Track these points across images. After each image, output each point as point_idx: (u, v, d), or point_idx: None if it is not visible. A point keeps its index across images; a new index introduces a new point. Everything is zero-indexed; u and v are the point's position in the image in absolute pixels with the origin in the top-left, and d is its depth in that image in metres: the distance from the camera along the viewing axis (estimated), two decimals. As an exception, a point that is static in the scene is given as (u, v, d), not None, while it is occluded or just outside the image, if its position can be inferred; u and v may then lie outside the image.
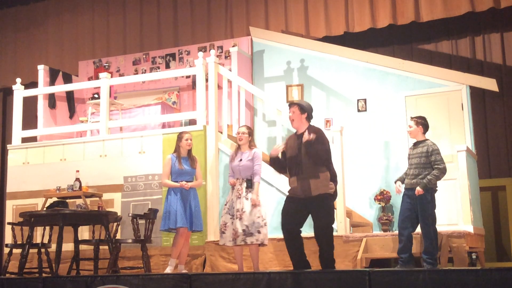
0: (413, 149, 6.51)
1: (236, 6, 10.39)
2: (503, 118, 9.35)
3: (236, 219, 6.49)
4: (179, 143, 7.07)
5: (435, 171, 6.24)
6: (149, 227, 7.26)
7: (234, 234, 6.49)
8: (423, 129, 6.50)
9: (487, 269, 4.56)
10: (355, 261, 6.87)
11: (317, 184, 5.84)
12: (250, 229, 6.44)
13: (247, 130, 6.90)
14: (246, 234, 6.43)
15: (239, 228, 6.45)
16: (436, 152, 6.30)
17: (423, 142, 6.43)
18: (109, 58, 10.70)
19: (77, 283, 5.73)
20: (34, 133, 9.34)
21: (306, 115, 6.08)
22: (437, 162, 6.25)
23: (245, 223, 6.45)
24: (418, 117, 6.59)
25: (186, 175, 6.97)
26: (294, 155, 6.01)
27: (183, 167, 6.94)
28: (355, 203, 8.39)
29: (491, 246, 8.83)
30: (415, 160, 6.39)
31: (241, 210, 6.50)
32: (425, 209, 6.23)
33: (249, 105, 9.40)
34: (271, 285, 5.00)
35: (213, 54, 8.26)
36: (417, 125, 6.48)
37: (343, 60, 9.01)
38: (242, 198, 6.56)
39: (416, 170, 6.34)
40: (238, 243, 6.49)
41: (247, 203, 6.53)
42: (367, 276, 4.72)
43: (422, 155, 6.34)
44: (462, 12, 8.97)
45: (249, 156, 6.72)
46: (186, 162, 7.02)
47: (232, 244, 6.53)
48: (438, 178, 6.25)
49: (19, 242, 7.69)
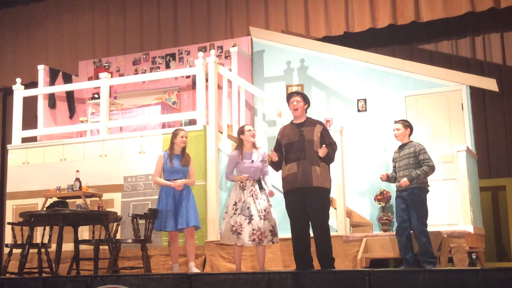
0: (399, 152, 6.56)
1: (236, 6, 10.39)
2: (503, 118, 9.35)
3: (260, 220, 6.39)
4: (174, 139, 7.00)
5: (424, 167, 6.29)
6: (149, 227, 7.25)
7: (260, 235, 6.38)
8: (410, 132, 6.57)
9: (487, 269, 4.55)
10: (355, 261, 6.87)
11: (317, 172, 5.92)
12: (275, 229, 6.47)
13: (254, 130, 6.81)
14: (273, 234, 6.45)
15: (266, 228, 6.41)
16: (424, 151, 6.37)
17: (409, 144, 6.49)
18: (109, 58, 10.70)
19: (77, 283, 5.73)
20: (34, 133, 9.34)
21: (307, 106, 6.31)
22: (426, 160, 6.32)
23: (271, 223, 6.46)
24: (404, 120, 6.67)
25: (178, 173, 6.90)
26: (294, 141, 6.11)
27: (173, 165, 6.88)
28: (355, 203, 8.39)
29: (491, 246, 8.83)
30: (403, 161, 6.43)
31: (264, 211, 6.45)
32: (419, 209, 6.23)
33: (249, 105, 9.40)
34: (271, 285, 5.00)
35: (213, 54, 8.26)
36: (405, 128, 6.55)
37: (343, 60, 9.02)
38: (260, 199, 6.49)
39: (406, 171, 6.35)
40: (265, 243, 6.46)
41: (266, 204, 6.50)
42: (367, 276, 4.72)
43: (410, 155, 6.38)
44: (462, 12, 8.97)
45: (259, 157, 6.64)
46: (178, 160, 6.94)
47: (253, 244, 6.43)
48: (427, 174, 6.29)
49: (19, 242, 7.68)
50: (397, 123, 6.64)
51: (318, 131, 6.09)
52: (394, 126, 6.64)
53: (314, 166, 5.96)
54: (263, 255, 6.59)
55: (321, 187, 5.94)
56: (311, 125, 6.15)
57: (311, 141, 6.04)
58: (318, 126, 6.13)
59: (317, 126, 6.13)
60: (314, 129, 6.10)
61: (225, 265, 7.46)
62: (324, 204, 5.98)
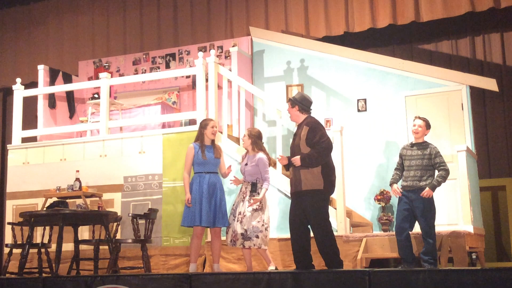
0: (411, 150, 6.47)
1: (236, 6, 10.39)
2: (503, 118, 9.35)
3: (237, 222, 6.46)
4: (204, 131, 6.66)
5: (442, 172, 6.25)
6: (149, 227, 7.26)
7: (233, 236, 6.47)
8: (428, 132, 6.51)
9: (487, 269, 4.55)
10: (355, 261, 6.87)
11: (307, 176, 5.89)
12: (249, 234, 6.38)
13: (247, 133, 6.69)
14: (244, 238, 6.40)
15: (238, 231, 6.42)
16: (439, 154, 6.34)
17: (424, 144, 6.42)
18: (109, 58, 10.70)
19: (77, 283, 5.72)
20: (34, 133, 9.34)
21: (298, 108, 6.16)
22: (442, 164, 6.29)
23: (245, 227, 6.40)
24: (426, 119, 6.51)
25: (210, 165, 6.59)
26: (291, 146, 6.16)
27: (206, 157, 6.56)
28: (355, 203, 8.39)
29: (491, 246, 8.83)
30: (416, 161, 6.36)
31: (242, 213, 6.44)
32: (428, 209, 6.23)
33: (249, 105, 9.40)
34: (271, 285, 5.00)
35: (213, 54, 8.26)
36: (427, 128, 6.46)
37: (343, 60, 9.01)
38: (245, 201, 6.50)
39: (418, 172, 6.32)
40: (238, 246, 6.48)
41: (249, 208, 6.46)
42: (367, 276, 4.71)
43: (424, 157, 6.32)
44: (462, 12, 8.96)
45: (253, 161, 6.56)
46: (210, 152, 6.64)
47: (231, 245, 6.52)
48: (445, 179, 6.29)
49: (19, 242, 7.68)
50: (418, 119, 6.46)
51: (304, 134, 6.02)
52: (416, 122, 6.47)
53: (302, 169, 5.94)
54: (248, 257, 6.60)
55: (311, 190, 5.90)
56: (301, 128, 6.11)
57: (298, 145, 6.04)
58: (305, 128, 6.05)
59: (303, 129, 6.06)
60: (302, 132, 6.06)
61: (225, 265, 7.46)
62: (317, 205, 5.92)
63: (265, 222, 6.47)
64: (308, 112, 6.21)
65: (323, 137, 5.97)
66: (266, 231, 6.47)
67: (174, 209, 7.88)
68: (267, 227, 6.48)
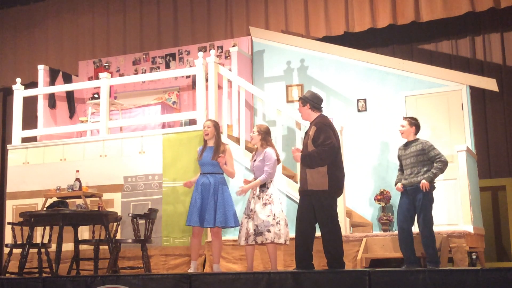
0: (404, 150, 6.56)
1: (236, 6, 10.39)
2: (503, 118, 9.35)
3: (249, 219, 6.47)
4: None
5: (438, 164, 6.29)
6: (149, 227, 7.26)
7: (246, 234, 6.46)
8: (416, 130, 6.57)
9: (487, 269, 4.55)
10: (355, 261, 6.87)
11: (313, 175, 5.88)
12: (260, 229, 6.38)
13: (256, 129, 6.71)
14: (256, 234, 6.40)
15: (250, 228, 6.44)
16: (433, 147, 6.40)
17: (415, 141, 6.51)
18: (109, 58, 10.70)
19: (77, 283, 5.72)
20: (34, 133, 9.34)
21: (309, 106, 6.14)
22: (437, 156, 6.34)
23: (256, 222, 6.42)
24: (411, 118, 6.66)
25: (205, 166, 6.73)
26: (303, 144, 6.18)
27: (200, 158, 6.77)
28: (355, 203, 8.39)
29: (491, 246, 8.83)
30: (410, 159, 6.44)
31: (253, 210, 6.47)
32: (427, 209, 6.25)
33: (249, 105, 9.40)
34: (271, 285, 4.99)
35: (213, 54, 8.26)
36: (410, 126, 6.55)
37: (343, 60, 9.01)
38: (255, 198, 6.52)
39: (414, 169, 6.37)
40: (250, 243, 6.46)
41: (259, 204, 6.48)
42: (367, 276, 4.71)
43: (417, 153, 6.40)
44: (462, 12, 8.97)
45: (261, 156, 6.59)
46: (209, 153, 6.76)
47: (244, 243, 6.49)
48: (442, 170, 6.33)
49: (19, 242, 7.68)
50: (403, 120, 6.63)
51: (312, 134, 6.01)
52: (400, 122, 6.63)
53: (308, 169, 5.95)
54: (250, 256, 6.59)
55: (315, 190, 5.88)
56: (310, 127, 6.11)
57: (306, 144, 6.05)
58: (313, 128, 6.04)
59: (312, 129, 6.05)
60: (310, 131, 6.06)
61: (225, 265, 7.46)
62: (325, 204, 5.90)
63: (276, 216, 6.39)
64: (319, 110, 6.17)
65: (328, 139, 5.91)
66: (279, 225, 6.38)
67: (174, 209, 7.88)
68: (279, 221, 6.39)
